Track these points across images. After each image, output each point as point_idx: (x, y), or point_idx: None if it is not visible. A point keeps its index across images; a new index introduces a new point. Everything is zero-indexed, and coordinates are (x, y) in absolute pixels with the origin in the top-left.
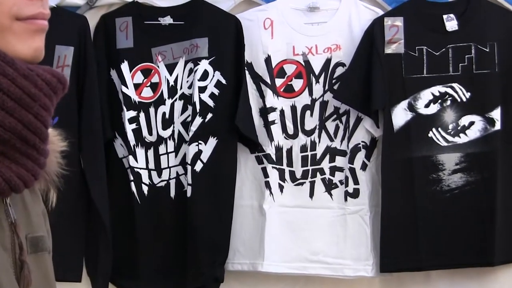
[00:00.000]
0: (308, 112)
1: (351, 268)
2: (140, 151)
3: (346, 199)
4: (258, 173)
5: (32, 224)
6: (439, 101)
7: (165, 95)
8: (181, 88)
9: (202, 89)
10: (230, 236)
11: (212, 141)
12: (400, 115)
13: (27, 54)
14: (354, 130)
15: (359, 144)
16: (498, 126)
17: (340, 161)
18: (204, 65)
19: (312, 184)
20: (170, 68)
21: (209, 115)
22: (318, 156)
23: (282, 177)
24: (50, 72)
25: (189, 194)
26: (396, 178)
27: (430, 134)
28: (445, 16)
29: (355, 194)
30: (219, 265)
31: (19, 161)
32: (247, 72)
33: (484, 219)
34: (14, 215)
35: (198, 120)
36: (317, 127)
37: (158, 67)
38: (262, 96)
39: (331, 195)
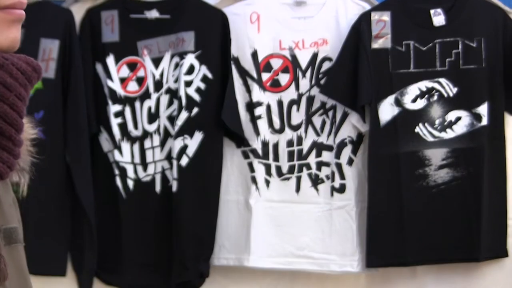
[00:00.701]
0: (294, 107)
1: (337, 263)
2: (125, 146)
3: (332, 194)
4: (244, 168)
5: (5, 215)
6: (426, 96)
7: (151, 89)
8: (167, 82)
9: (188, 83)
10: (216, 231)
11: (198, 136)
12: (387, 110)
13: (4, 44)
14: (340, 125)
15: (346, 139)
16: (485, 121)
17: (326, 156)
18: (190, 59)
19: (299, 179)
20: (156, 62)
21: (195, 110)
22: (304, 151)
23: (268, 172)
24: (25, 61)
25: (174, 188)
26: (382, 173)
27: (417, 129)
28: (432, 11)
29: (342, 189)
30: (204, 260)
31: None
32: (233, 66)
33: (470, 214)
34: None
35: (184, 115)
36: (304, 122)
37: (144, 61)
38: (248, 90)
39: (317, 190)
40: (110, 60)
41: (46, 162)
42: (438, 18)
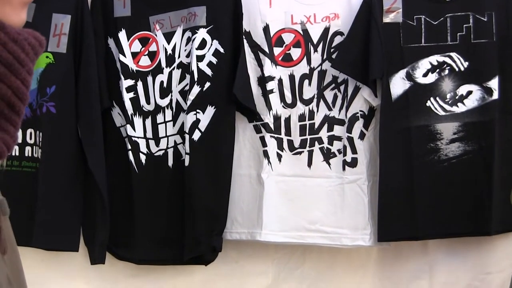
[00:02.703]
0: (306, 81)
1: (349, 237)
2: (137, 120)
3: (344, 168)
4: (256, 142)
5: None
6: (437, 70)
7: (163, 64)
8: (179, 57)
9: (200, 58)
10: (228, 205)
11: (210, 110)
12: (398, 84)
13: (17, 24)
14: (352, 99)
15: (357, 113)
16: (495, 95)
17: (338, 130)
18: (202, 33)
19: (310, 153)
20: (168, 36)
21: (207, 84)
22: (316, 125)
23: (280, 146)
24: (33, 35)
25: (187, 163)
26: (394, 148)
27: (428, 104)
28: None
29: (353, 163)
30: (216, 234)
31: (4, 127)
32: (245, 41)
33: (481, 188)
34: None
35: (196, 89)
36: (316, 96)
37: (156, 35)
38: (260, 65)
39: (329, 164)
40: (122, 35)
41: (58, 137)
42: None
